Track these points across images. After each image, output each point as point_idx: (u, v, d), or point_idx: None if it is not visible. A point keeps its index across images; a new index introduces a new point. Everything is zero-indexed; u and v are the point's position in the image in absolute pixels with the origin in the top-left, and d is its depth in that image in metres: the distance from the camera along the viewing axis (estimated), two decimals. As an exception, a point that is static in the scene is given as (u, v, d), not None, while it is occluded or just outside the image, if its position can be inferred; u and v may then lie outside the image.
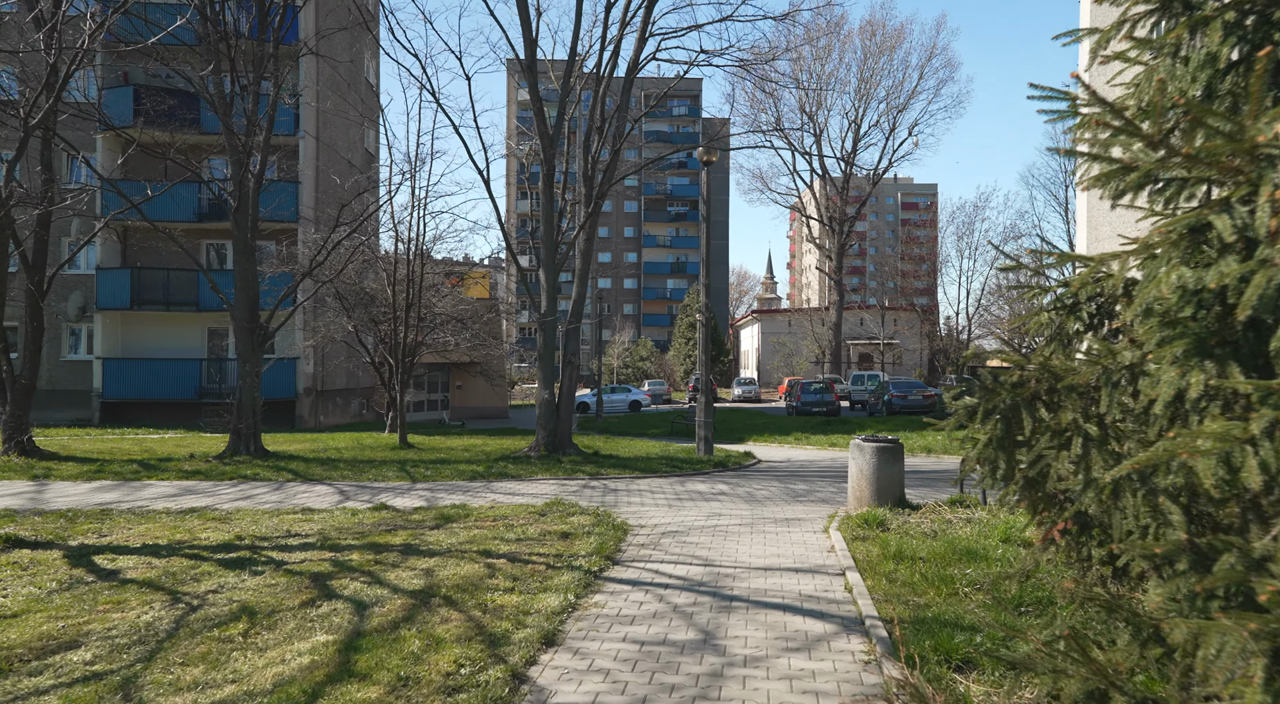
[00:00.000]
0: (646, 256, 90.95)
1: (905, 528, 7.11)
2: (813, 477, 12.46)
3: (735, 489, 10.77)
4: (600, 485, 11.15)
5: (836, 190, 53.24)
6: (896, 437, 8.54)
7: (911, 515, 7.94)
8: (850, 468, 8.59)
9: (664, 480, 11.81)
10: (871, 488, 8.36)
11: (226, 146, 13.43)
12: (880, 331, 58.19)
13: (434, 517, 8.02)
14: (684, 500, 9.72)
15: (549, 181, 13.65)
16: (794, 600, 5.07)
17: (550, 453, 13.58)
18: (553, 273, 13.76)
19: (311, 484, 11.19)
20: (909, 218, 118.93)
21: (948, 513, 7.91)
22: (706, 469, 13.19)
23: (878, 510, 7.96)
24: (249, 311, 13.52)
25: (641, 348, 69.68)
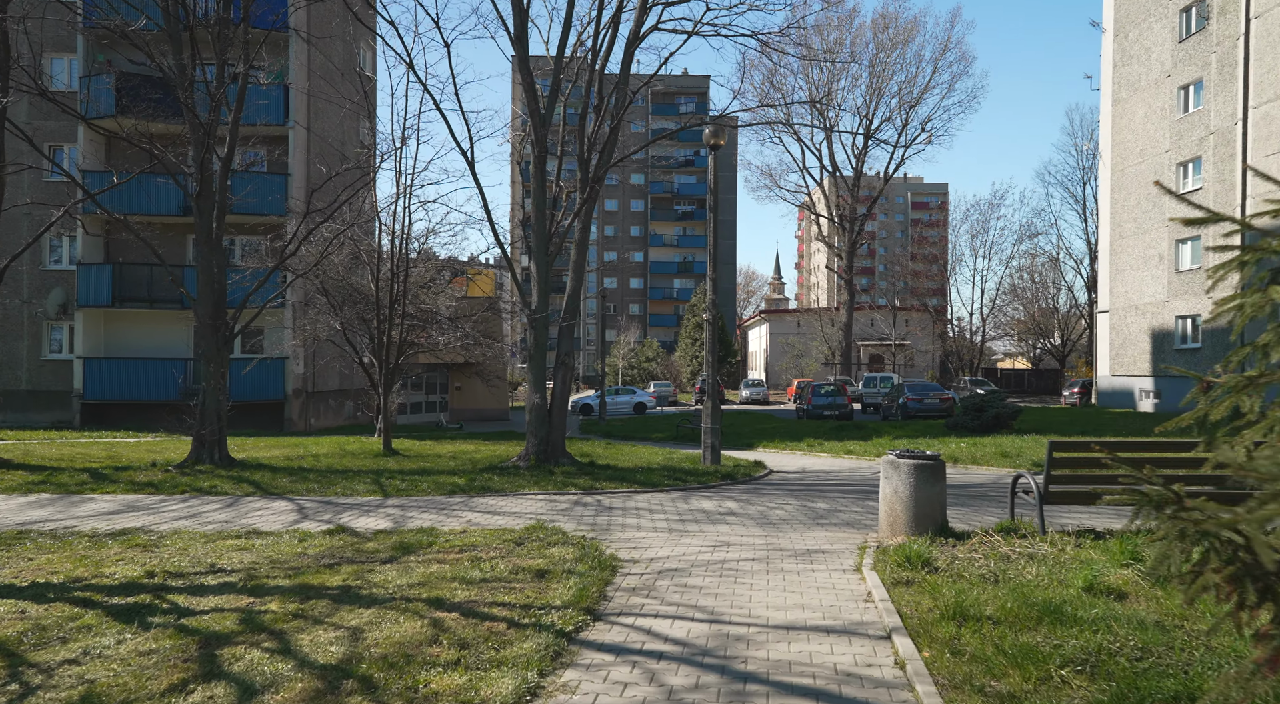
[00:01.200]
0: (653, 256, 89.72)
1: (956, 567, 5.85)
2: (832, 492, 11.18)
3: (746, 508, 9.51)
4: (594, 502, 9.90)
5: (847, 188, 51.89)
6: (936, 452, 7.27)
7: (958, 547, 6.68)
8: (882, 488, 7.32)
9: (665, 496, 10.55)
10: (908, 513, 7.10)
11: (188, 127, 12.24)
12: (892, 332, 56.79)
13: (392, 545, 6.79)
14: (687, 523, 8.47)
15: (540, 164, 12.43)
16: (829, 681, 3.81)
17: (541, 463, 12.35)
18: (544, 265, 12.53)
19: (270, 499, 9.98)
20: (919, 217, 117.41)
21: (1001, 544, 6.64)
22: (713, 482, 11.93)
23: (917, 542, 6.70)
24: (213, 308, 12.33)
25: (647, 348, 68.43)
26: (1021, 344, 66.88)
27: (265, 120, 24.92)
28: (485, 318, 23.64)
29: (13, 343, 26.20)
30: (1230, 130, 26.63)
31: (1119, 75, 33.24)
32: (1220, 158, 27.21)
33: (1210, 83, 27.82)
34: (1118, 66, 33.34)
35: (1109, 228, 34.04)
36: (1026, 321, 62.00)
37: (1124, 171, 32.83)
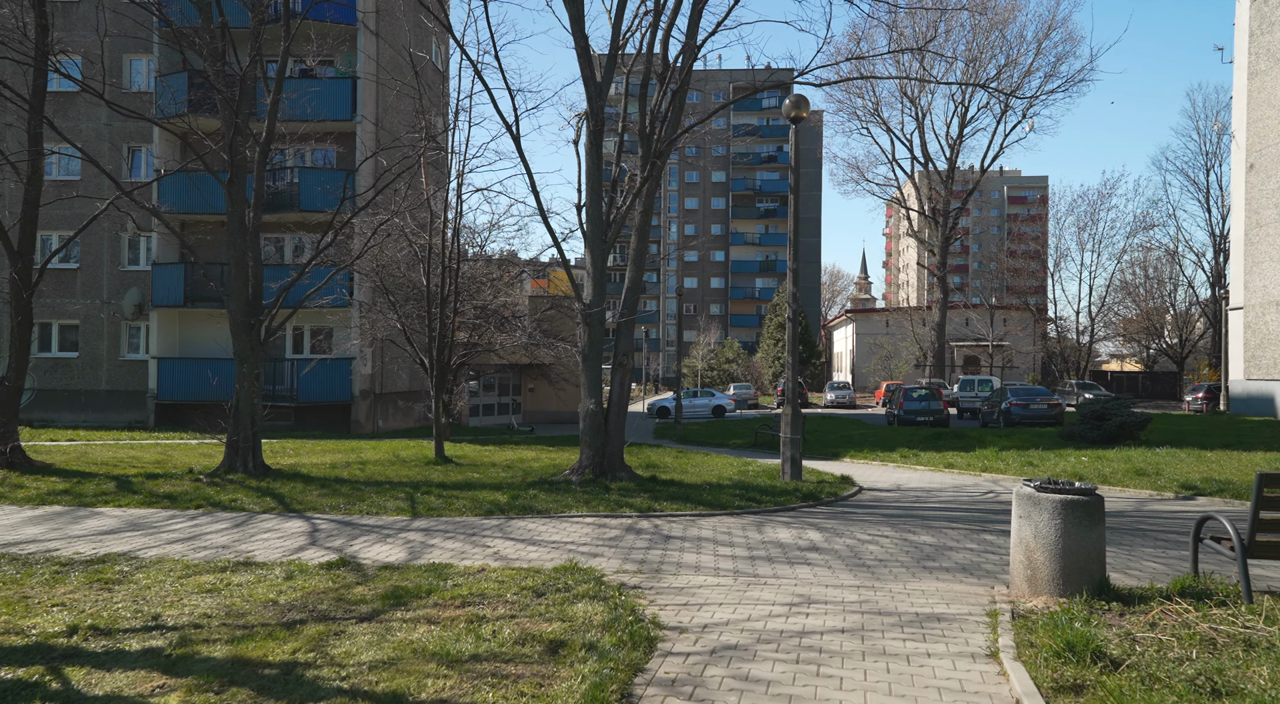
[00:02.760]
0: (734, 255, 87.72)
1: (1143, 660, 4.08)
2: (937, 519, 9.36)
3: (832, 541, 7.83)
4: (649, 529, 8.39)
5: (940, 180, 48.90)
6: (1091, 484, 5.47)
7: (1130, 618, 4.89)
8: (1017, 529, 5.57)
9: (735, 521, 8.95)
10: (1055, 564, 5.32)
11: (220, 106, 11.32)
12: (989, 332, 53.31)
13: (385, 592, 5.44)
14: (758, 561, 6.87)
15: (596, 140, 11.00)
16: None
17: (596, 477, 10.91)
18: (600, 254, 11.08)
19: (287, 518, 8.85)
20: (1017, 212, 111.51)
21: (1195, 617, 4.81)
22: (793, 503, 10.25)
23: (1072, 608, 4.94)
24: (246, 304, 11.39)
25: (728, 349, 66.54)
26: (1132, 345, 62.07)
27: (332, 116, 24.42)
28: (550, 317, 22.44)
29: (94, 343, 26.51)
30: (1396, 99, 23.15)
31: (1256, 44, 29.70)
32: (1383, 131, 23.72)
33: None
34: (1255, 35, 29.80)
35: (1243, 215, 30.49)
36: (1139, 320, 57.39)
37: (1263, 152, 29.29)
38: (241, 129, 11.09)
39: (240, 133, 11.10)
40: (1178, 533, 8.33)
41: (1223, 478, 12.19)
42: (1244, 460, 14.60)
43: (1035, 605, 5.25)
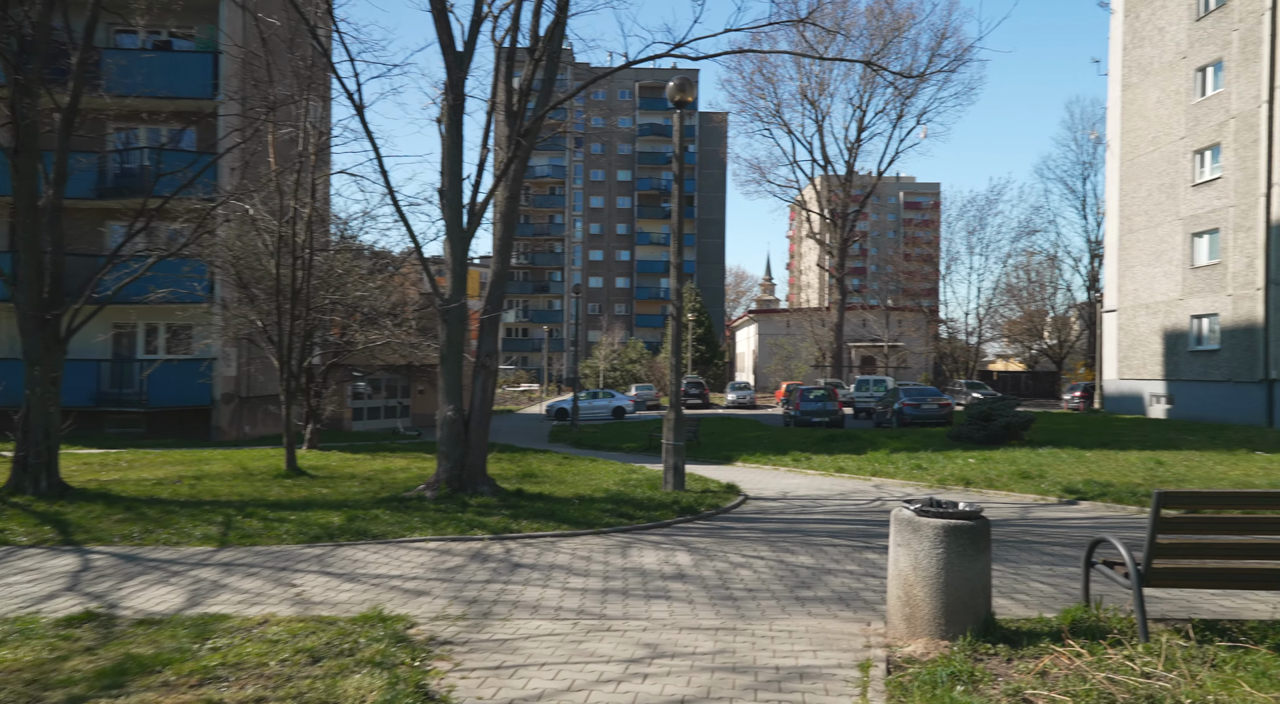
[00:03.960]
0: (640, 254, 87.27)
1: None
2: (819, 534, 8.67)
3: (701, 566, 6.98)
4: (499, 555, 7.36)
5: (840, 184, 49.57)
6: (977, 505, 4.75)
7: (1019, 665, 4.18)
8: (895, 560, 4.82)
9: (600, 542, 8.02)
10: (936, 601, 4.59)
11: (2, 66, 9.64)
12: (884, 333, 54.44)
13: (106, 667, 4.22)
14: (611, 596, 5.94)
15: (455, 117, 9.86)
16: None
17: (454, 492, 9.78)
18: (460, 244, 9.96)
19: (58, 553, 7.38)
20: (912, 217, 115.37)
21: (1086, 658, 4.14)
22: (669, 517, 9.40)
23: (955, 658, 4.20)
24: (38, 297, 9.73)
25: (631, 349, 65.93)
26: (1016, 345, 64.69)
27: (190, 92, 22.29)
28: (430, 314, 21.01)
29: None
30: (1253, 113, 24.36)
31: (1129, 58, 30.94)
32: (1242, 144, 24.93)
33: (1231, 63, 25.53)
34: (1128, 49, 31.04)
35: (1117, 222, 31.74)
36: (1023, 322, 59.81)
37: (1134, 162, 30.52)
38: (28, 89, 9.44)
39: (28, 94, 9.44)
40: (1064, 545, 7.87)
41: (1103, 480, 12.06)
42: (1121, 461, 14.67)
43: (914, 650, 4.50)
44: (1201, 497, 4.41)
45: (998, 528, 8.90)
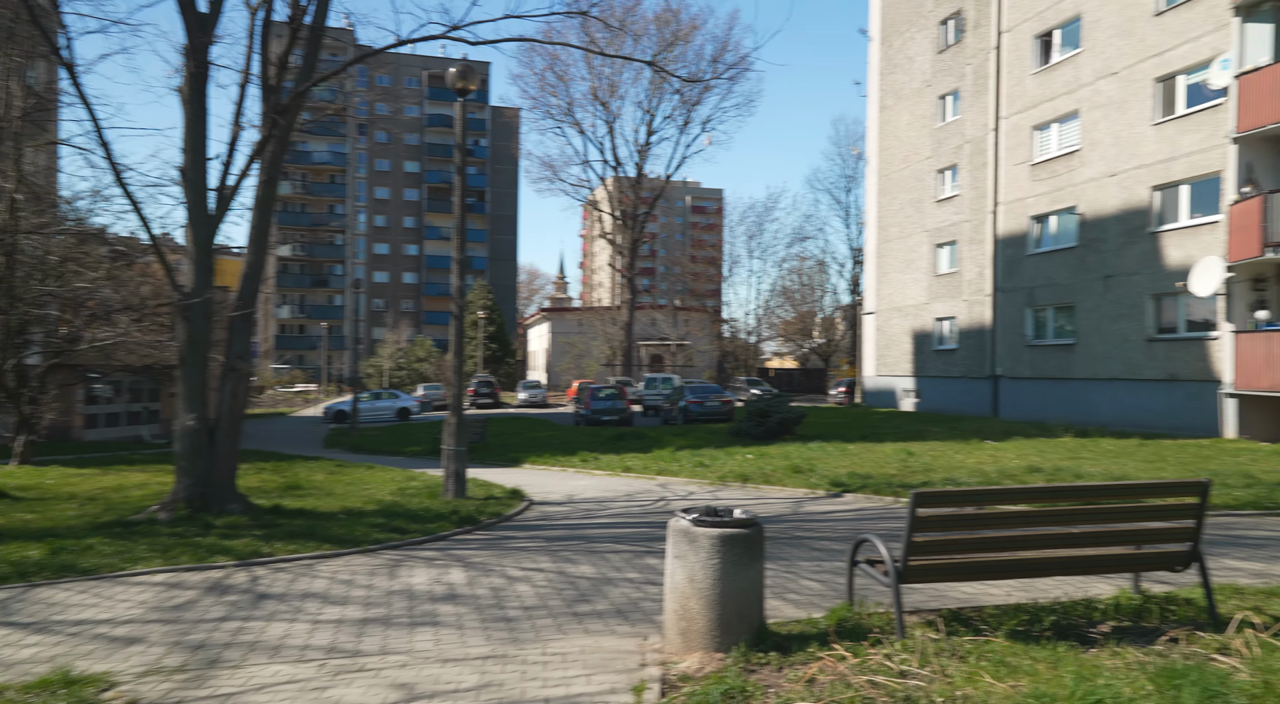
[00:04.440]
0: (430, 249, 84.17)
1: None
2: (603, 540, 8.49)
3: (476, 583, 6.53)
4: (243, 585, 6.46)
5: (630, 185, 50.57)
6: (751, 513, 4.70)
7: (789, 672, 4.14)
8: (671, 572, 4.66)
9: (366, 562, 7.32)
10: (712, 612, 4.47)
11: None
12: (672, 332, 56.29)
13: None
14: (370, 627, 5.35)
15: (198, 86, 8.64)
16: None
17: (196, 512, 8.58)
18: (204, 231, 8.75)
19: None
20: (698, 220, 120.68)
21: (850, 661, 4.18)
22: (446, 529, 8.83)
23: (728, 674, 4.08)
24: None
25: (419, 348, 63.40)
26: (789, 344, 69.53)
27: None
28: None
29: None
30: (983, 139, 27.54)
31: (885, 83, 34.00)
32: (975, 166, 28.13)
33: (966, 93, 28.72)
34: (884, 74, 34.10)
35: (875, 232, 34.79)
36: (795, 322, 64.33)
37: (889, 177, 33.60)
38: None
39: None
40: (831, 539, 8.23)
41: (864, 472, 12.95)
42: (879, 453, 15.91)
43: (689, 666, 4.35)
44: (951, 495, 4.63)
45: (772, 525, 9.19)
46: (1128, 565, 4.85)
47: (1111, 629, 4.74)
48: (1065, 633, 4.63)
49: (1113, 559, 4.76)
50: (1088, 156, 22.62)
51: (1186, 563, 4.74)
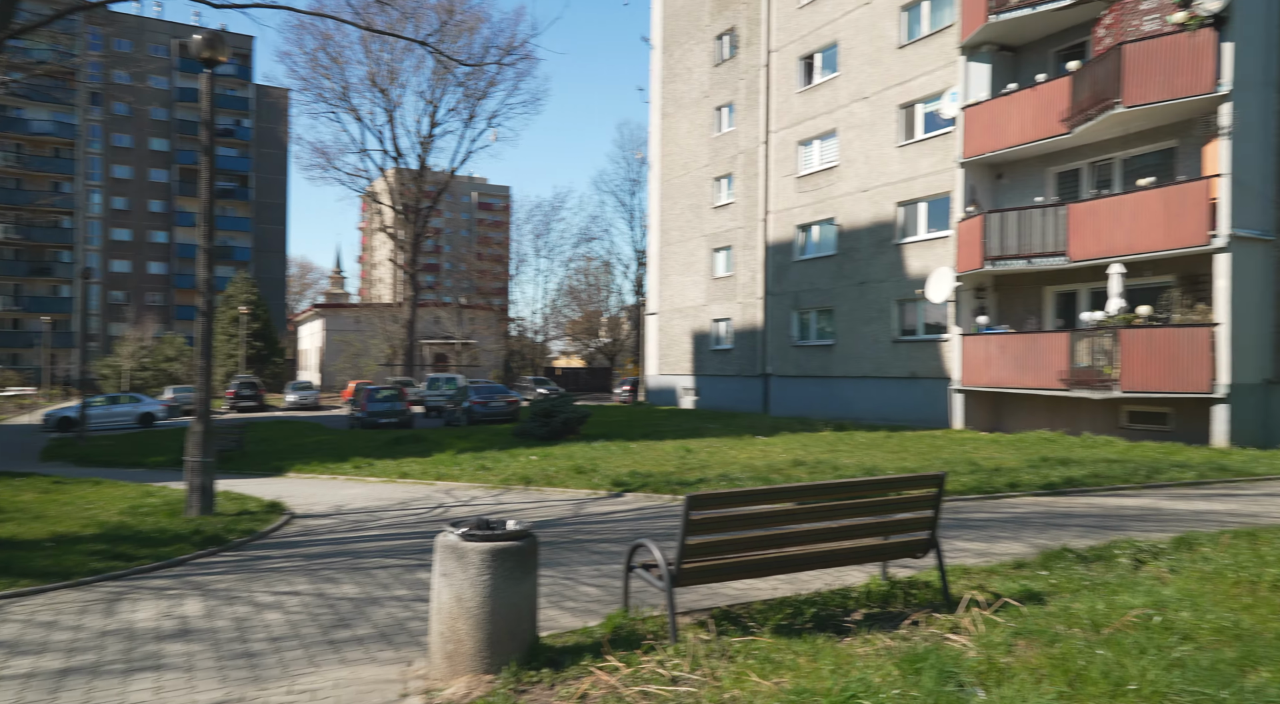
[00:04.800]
0: (181, 237, 75.94)
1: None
2: (371, 554, 7.91)
3: (216, 616, 5.77)
4: (-98, 640, 5.26)
5: (412, 178, 48.60)
6: (525, 525, 4.49)
7: (561, 689, 3.97)
8: (438, 591, 4.33)
9: (77, 597, 6.26)
10: (482, 633, 4.19)
11: None
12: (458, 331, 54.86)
13: None
14: (71, 678, 4.53)
15: None
16: None
17: None
18: None
19: None
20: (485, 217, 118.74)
21: (623, 672, 4.09)
22: (185, 552, 7.81)
23: (496, 692, 3.84)
24: None
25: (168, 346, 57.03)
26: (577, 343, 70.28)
27: None
28: None
29: None
30: (755, 151, 29.28)
31: (667, 91, 35.18)
32: (748, 176, 29.84)
33: (740, 106, 30.39)
34: (665, 82, 35.27)
35: (658, 235, 35.92)
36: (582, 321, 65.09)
37: (670, 183, 34.81)
38: None
39: None
40: (611, 541, 8.22)
41: (645, 471, 13.18)
42: (659, 451, 16.32)
43: (455, 692, 4.05)
44: (722, 497, 4.69)
45: (552, 528, 9.04)
46: (878, 555, 5.17)
47: (863, 616, 5.04)
48: (824, 624, 4.85)
49: (866, 550, 5.05)
50: (844, 172, 24.70)
51: (926, 550, 5.14)
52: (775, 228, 27.97)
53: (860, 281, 24.02)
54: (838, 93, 25.07)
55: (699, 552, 4.65)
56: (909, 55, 22.50)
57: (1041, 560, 6.17)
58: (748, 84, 29.90)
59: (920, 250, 22.00)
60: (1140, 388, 15.12)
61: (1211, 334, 14.55)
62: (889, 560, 5.53)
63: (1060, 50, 18.92)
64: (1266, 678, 3.76)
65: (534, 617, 4.45)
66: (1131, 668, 3.81)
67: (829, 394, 25.12)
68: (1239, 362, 14.72)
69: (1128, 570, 5.81)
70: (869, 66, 23.82)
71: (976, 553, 6.96)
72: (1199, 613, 4.61)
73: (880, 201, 23.31)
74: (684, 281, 33.90)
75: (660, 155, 35.58)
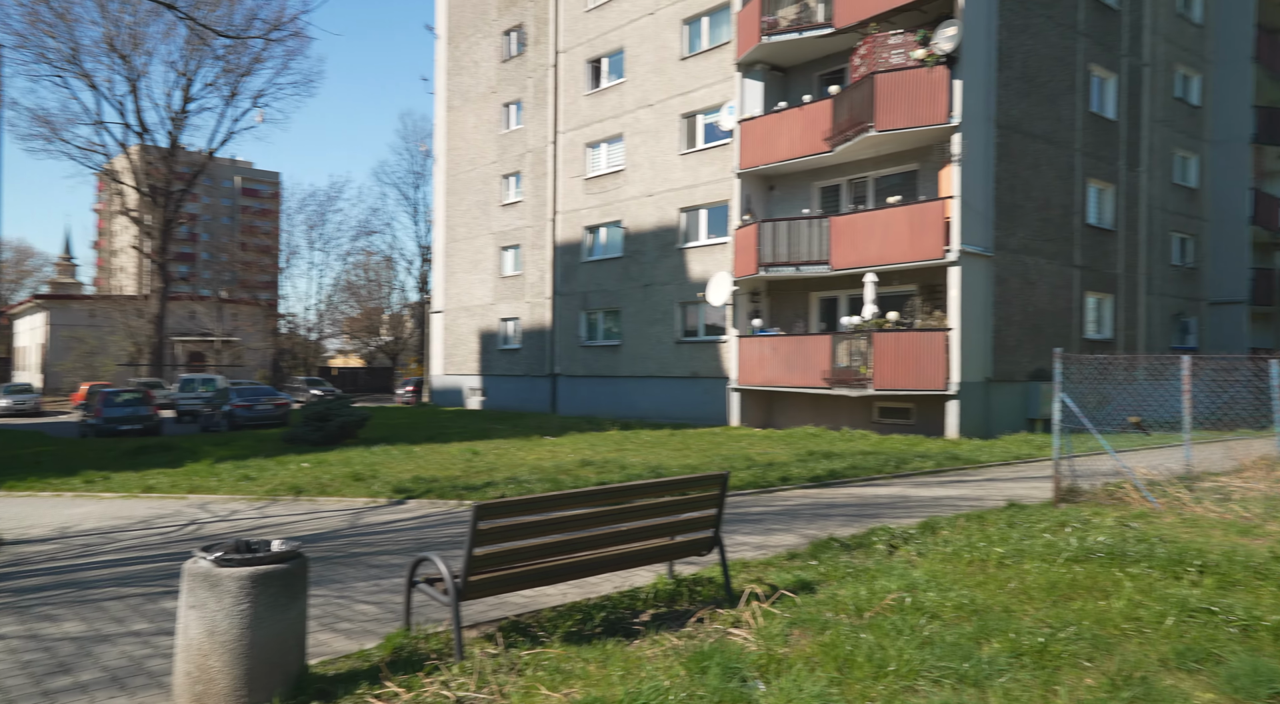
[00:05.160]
0: None
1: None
2: (104, 583, 6.91)
3: (-111, 674, 4.73)
4: None
5: (162, 156, 43.54)
6: (294, 543, 4.07)
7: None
8: (185, 625, 3.80)
9: None
10: (239, 667, 3.74)
11: None
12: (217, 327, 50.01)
13: None
14: None
15: None
16: None
17: None
18: None
19: None
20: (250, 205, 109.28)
21: (402, 699, 3.82)
22: None
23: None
24: None
25: None
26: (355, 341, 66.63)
27: None
28: None
29: None
30: (544, 150, 29.25)
31: (453, 83, 34.22)
32: (537, 175, 29.74)
33: (528, 105, 30.21)
34: (451, 74, 34.30)
35: (444, 231, 34.86)
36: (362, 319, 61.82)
37: (457, 178, 33.91)
38: None
39: None
40: (391, 553, 7.77)
41: (429, 475, 12.66)
42: (445, 454, 15.78)
43: (206, 741, 3.57)
44: (513, 505, 4.54)
45: (325, 542, 8.40)
46: (666, 555, 5.25)
47: (651, 617, 5.10)
48: (614, 627, 4.84)
49: (654, 551, 5.11)
50: (631, 176, 25.31)
51: (710, 547, 5.30)
52: (564, 228, 28.09)
53: (646, 284, 24.72)
54: (624, 98, 25.63)
55: (487, 562, 4.47)
56: (691, 67, 23.47)
57: (811, 550, 6.60)
58: (536, 83, 29.78)
59: (702, 255, 23.03)
60: (890, 386, 16.79)
61: (946, 338, 16.47)
62: (676, 559, 5.64)
63: (824, 74, 20.60)
64: (998, 648, 4.23)
65: (303, 644, 4.05)
66: (890, 649, 4.13)
67: (616, 394, 25.62)
68: (967, 362, 16.78)
69: (884, 556, 6.36)
70: (654, 75, 24.57)
71: (754, 546, 7.32)
72: (943, 592, 5.12)
73: (665, 207, 24.13)
74: (471, 279, 33.16)
75: (446, 149, 34.55)
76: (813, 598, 5.17)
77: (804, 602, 5.07)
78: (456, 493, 10.99)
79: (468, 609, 5.37)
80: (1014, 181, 18.36)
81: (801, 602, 5.07)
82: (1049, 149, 19.39)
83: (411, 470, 13.33)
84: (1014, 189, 18.36)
